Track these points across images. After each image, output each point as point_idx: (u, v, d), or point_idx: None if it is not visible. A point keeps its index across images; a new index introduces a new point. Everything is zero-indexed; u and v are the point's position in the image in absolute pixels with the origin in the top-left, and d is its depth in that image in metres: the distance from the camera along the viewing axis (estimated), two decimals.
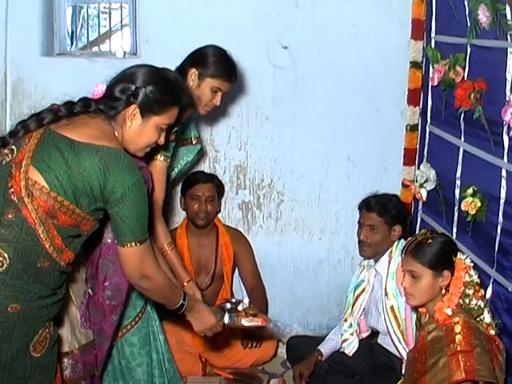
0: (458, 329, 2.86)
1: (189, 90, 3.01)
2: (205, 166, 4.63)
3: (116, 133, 2.63)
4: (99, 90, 2.66)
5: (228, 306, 3.30)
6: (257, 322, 3.34)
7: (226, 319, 3.25)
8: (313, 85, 4.56)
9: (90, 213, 2.53)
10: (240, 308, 3.33)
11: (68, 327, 2.86)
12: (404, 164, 4.60)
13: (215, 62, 3.42)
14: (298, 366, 3.96)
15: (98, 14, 5.13)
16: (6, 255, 2.40)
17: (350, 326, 3.96)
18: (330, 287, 4.84)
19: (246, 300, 3.40)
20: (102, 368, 3.25)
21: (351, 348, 3.94)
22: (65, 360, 2.83)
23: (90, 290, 3.06)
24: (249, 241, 4.65)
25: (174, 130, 2.82)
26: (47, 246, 2.45)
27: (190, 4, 4.39)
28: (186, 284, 3.41)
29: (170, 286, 2.84)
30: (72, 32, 4.88)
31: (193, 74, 3.40)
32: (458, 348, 2.80)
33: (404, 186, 4.55)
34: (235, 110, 4.58)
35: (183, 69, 3.42)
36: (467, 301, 2.99)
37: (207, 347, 4.29)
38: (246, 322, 3.32)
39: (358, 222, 3.91)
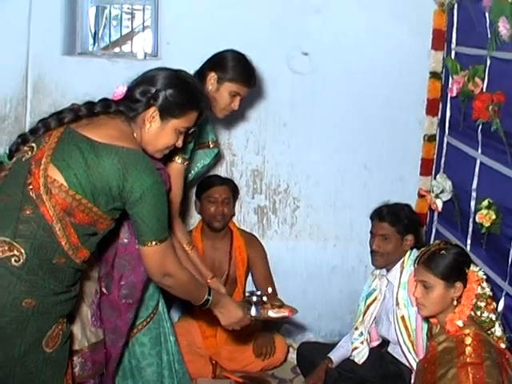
0: (468, 341, 2.86)
1: (206, 94, 3.03)
2: (222, 170, 4.65)
3: (135, 134, 2.67)
4: (119, 91, 2.70)
5: (254, 298, 3.34)
6: (283, 312, 3.39)
7: (253, 312, 3.30)
8: (331, 91, 4.57)
9: (108, 212, 2.56)
10: (265, 299, 3.34)
11: (79, 325, 2.87)
12: (421, 174, 4.61)
13: (234, 66, 3.44)
14: (310, 378, 3.97)
15: (121, 14, 5.16)
16: (23, 251, 2.42)
17: (361, 334, 3.96)
18: (342, 294, 4.83)
19: (270, 290, 3.43)
20: (115, 366, 3.28)
21: (361, 356, 3.94)
22: (74, 358, 2.84)
23: (104, 289, 3.09)
24: (263, 245, 4.66)
25: (190, 131, 2.84)
26: (63, 243, 2.48)
27: (211, 8, 4.41)
28: (209, 280, 3.43)
29: (193, 282, 2.88)
30: (95, 32, 4.91)
31: (212, 77, 3.42)
32: (468, 360, 2.79)
33: (420, 196, 4.56)
34: (253, 114, 4.59)
35: (202, 72, 3.44)
36: (479, 313, 2.98)
37: (218, 350, 4.31)
38: (272, 314, 3.36)
39: (370, 232, 3.91)
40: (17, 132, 4.07)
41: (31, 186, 2.47)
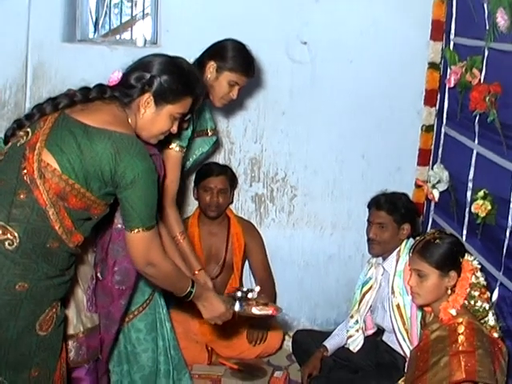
0: (461, 329, 2.88)
1: (203, 81, 3.04)
2: (220, 158, 4.66)
3: (130, 120, 2.68)
4: (115, 77, 2.71)
5: (239, 294, 3.32)
6: (267, 310, 3.35)
7: (237, 307, 3.27)
8: (330, 81, 4.58)
9: (101, 197, 2.58)
10: (250, 296, 3.35)
11: (74, 310, 2.90)
12: (418, 164, 4.62)
13: (234, 56, 3.45)
14: (305, 367, 3.98)
15: (122, 1, 5.17)
16: (17, 234, 2.45)
17: (356, 322, 3.98)
18: (339, 283, 4.85)
19: (257, 288, 3.42)
20: (108, 351, 3.30)
21: (356, 344, 3.96)
22: (69, 342, 2.87)
23: (99, 275, 3.10)
24: (260, 233, 4.68)
25: (186, 118, 2.85)
26: (57, 228, 2.50)
27: None
28: (197, 272, 3.43)
29: (176, 273, 2.88)
30: (96, 19, 4.92)
31: (211, 66, 3.43)
32: (460, 348, 2.82)
33: (417, 186, 4.56)
34: (252, 103, 4.60)
35: (202, 61, 3.45)
36: (472, 302, 3.00)
37: (214, 336, 4.33)
38: (256, 311, 3.33)
39: (368, 220, 3.93)
40: (17, 118, 4.12)
41: (25, 171, 2.49)
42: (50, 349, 2.58)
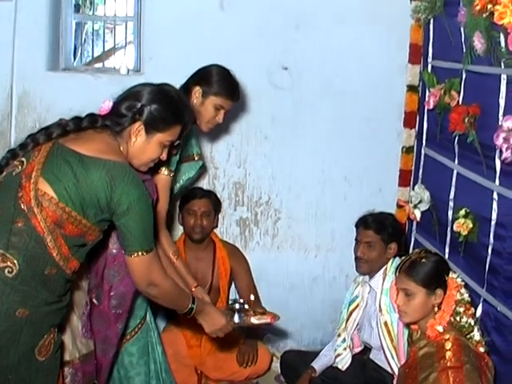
0: (448, 345, 2.94)
1: (191, 107, 3.10)
2: (204, 183, 4.71)
3: (121, 148, 2.73)
4: (106, 106, 2.77)
5: (237, 306, 3.42)
6: (266, 319, 3.44)
7: (236, 319, 3.36)
8: (312, 105, 4.66)
9: (96, 223, 2.62)
10: (247, 307, 3.41)
11: (69, 336, 2.92)
12: (399, 185, 4.69)
13: (219, 80, 3.53)
14: None
15: (104, 29, 5.23)
16: (16, 262, 2.49)
17: (344, 340, 4.01)
18: (324, 304, 4.90)
19: (252, 297, 3.49)
20: (107, 375, 3.33)
21: (344, 363, 3.99)
22: (65, 369, 2.89)
23: (94, 300, 3.14)
24: (245, 256, 4.72)
25: (176, 143, 2.92)
26: (54, 255, 2.54)
27: (193, 24, 4.48)
28: (194, 289, 3.49)
29: (177, 291, 2.95)
30: (75, 47, 4.96)
31: (197, 91, 3.50)
32: (448, 364, 2.87)
33: (399, 206, 4.63)
34: (235, 128, 4.67)
35: (188, 86, 3.52)
36: (458, 318, 3.06)
37: (203, 359, 4.36)
38: (255, 320, 3.41)
39: (356, 239, 3.98)
40: (2, 147, 4.17)
41: (22, 200, 2.53)
42: (48, 374, 2.61)
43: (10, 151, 2.73)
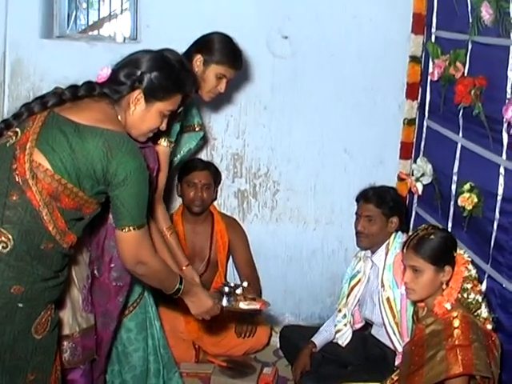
0: (456, 323, 2.88)
1: (194, 76, 3.00)
2: (202, 154, 4.64)
3: (119, 117, 2.64)
4: (104, 73, 2.67)
5: (226, 289, 3.29)
6: (255, 305, 3.32)
7: (224, 302, 3.25)
8: (312, 75, 4.56)
9: (93, 196, 2.54)
10: (238, 291, 3.33)
11: (69, 310, 2.86)
12: (400, 157, 4.63)
13: (221, 48, 3.43)
14: (297, 366, 3.96)
15: None
16: (11, 237, 2.41)
17: (344, 316, 3.98)
18: (323, 277, 4.85)
19: (245, 284, 3.40)
20: (107, 350, 3.30)
21: (344, 339, 3.97)
22: (65, 343, 2.84)
23: (96, 272, 3.10)
24: (244, 229, 4.67)
25: (178, 111, 2.83)
26: (50, 229, 2.46)
27: None
28: (184, 268, 3.42)
29: (165, 271, 2.85)
30: (68, 14, 4.83)
31: (198, 60, 3.40)
32: (456, 342, 2.82)
33: (400, 179, 4.57)
34: (234, 98, 4.58)
35: (189, 54, 3.40)
36: (465, 295, 3.00)
37: (201, 334, 4.32)
38: (244, 306, 3.31)
39: (356, 213, 3.93)
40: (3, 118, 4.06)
41: (17, 172, 2.44)
42: (45, 352, 2.54)
43: (3, 121, 2.63)
